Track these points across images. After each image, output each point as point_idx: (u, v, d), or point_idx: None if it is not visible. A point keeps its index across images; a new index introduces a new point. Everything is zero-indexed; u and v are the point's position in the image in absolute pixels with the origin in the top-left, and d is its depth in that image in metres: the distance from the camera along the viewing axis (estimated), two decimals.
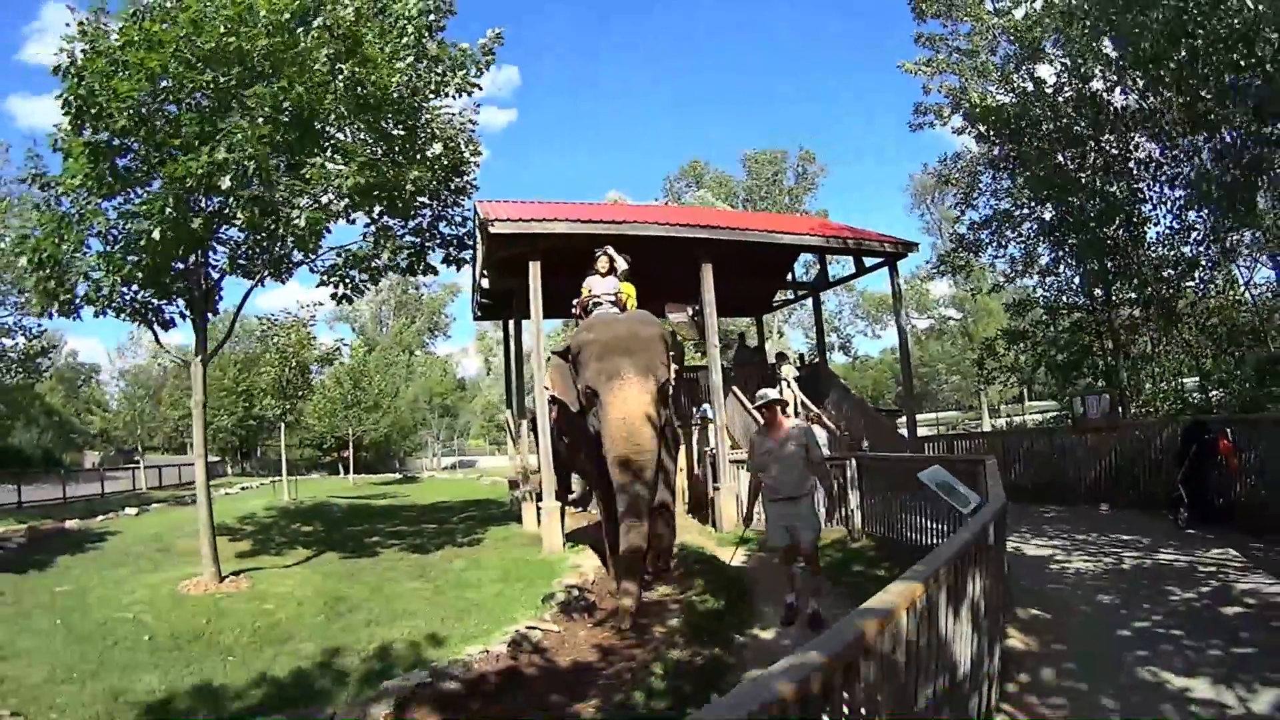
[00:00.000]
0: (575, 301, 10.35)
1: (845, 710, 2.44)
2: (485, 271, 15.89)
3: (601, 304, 9.99)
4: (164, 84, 9.38)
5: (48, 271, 10.00)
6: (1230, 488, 9.79)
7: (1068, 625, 6.24)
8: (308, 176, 9.48)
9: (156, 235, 9.33)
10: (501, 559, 12.22)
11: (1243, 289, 16.34)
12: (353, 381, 34.68)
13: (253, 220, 9.70)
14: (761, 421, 7.78)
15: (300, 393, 27.35)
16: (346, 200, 10.09)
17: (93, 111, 9.44)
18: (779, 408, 7.54)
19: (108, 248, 10.16)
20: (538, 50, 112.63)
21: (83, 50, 9.54)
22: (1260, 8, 11.04)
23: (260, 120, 9.21)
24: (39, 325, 24.31)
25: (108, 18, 10.01)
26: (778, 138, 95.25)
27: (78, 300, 10.53)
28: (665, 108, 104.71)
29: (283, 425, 27.84)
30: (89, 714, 6.51)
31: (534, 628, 8.19)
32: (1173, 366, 16.57)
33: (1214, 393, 15.56)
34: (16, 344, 24.65)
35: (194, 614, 9.33)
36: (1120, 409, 15.72)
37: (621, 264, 10.37)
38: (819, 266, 22.02)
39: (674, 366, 9.09)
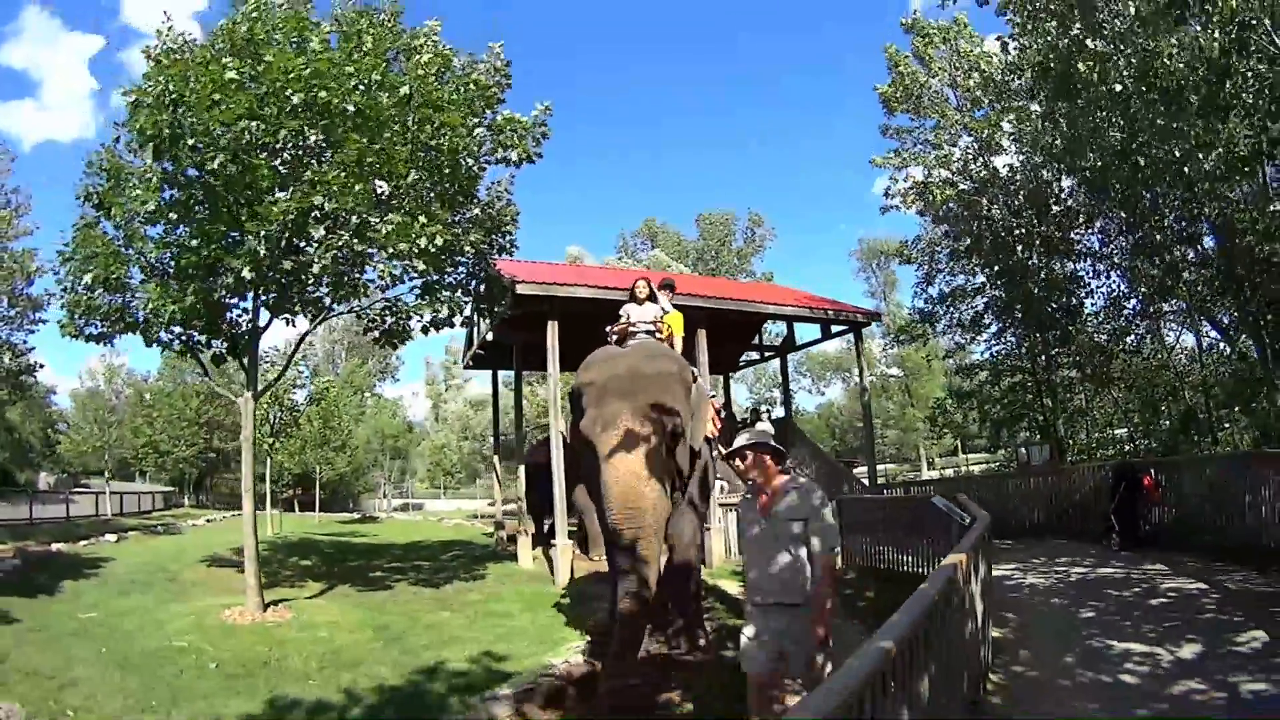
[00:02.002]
0: (611, 330, 9.04)
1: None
2: (491, 325, 16.85)
3: (638, 333, 8.89)
4: (253, 125, 9.76)
5: (96, 294, 10.46)
6: (1154, 517, 11.68)
7: (1031, 619, 7.75)
8: (385, 233, 10.03)
9: (247, 274, 9.83)
10: (519, 593, 12.82)
11: (1167, 355, 18.87)
12: (323, 420, 34.88)
13: (328, 269, 10.23)
14: (751, 479, 4.96)
15: (288, 429, 27.81)
16: (423, 259, 10.53)
17: (188, 144, 9.78)
18: (767, 456, 4.82)
19: (163, 278, 10.59)
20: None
21: (172, 82, 9.85)
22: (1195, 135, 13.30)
23: (343, 174, 9.72)
24: (24, 342, 23.87)
25: (191, 52, 10.53)
26: (730, 197, 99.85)
27: (108, 326, 10.98)
28: (623, 166, 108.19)
29: (268, 460, 27.55)
30: None
31: (593, 641, 8.65)
32: (1104, 420, 18.87)
33: (1140, 442, 17.80)
34: (3, 361, 23.77)
35: (252, 642, 9.53)
36: (1058, 456, 17.84)
37: (664, 297, 9.63)
38: (788, 332, 23.76)
39: (709, 409, 8.15)
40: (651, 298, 9.32)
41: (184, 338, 11.60)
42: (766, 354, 25.29)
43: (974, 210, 19.14)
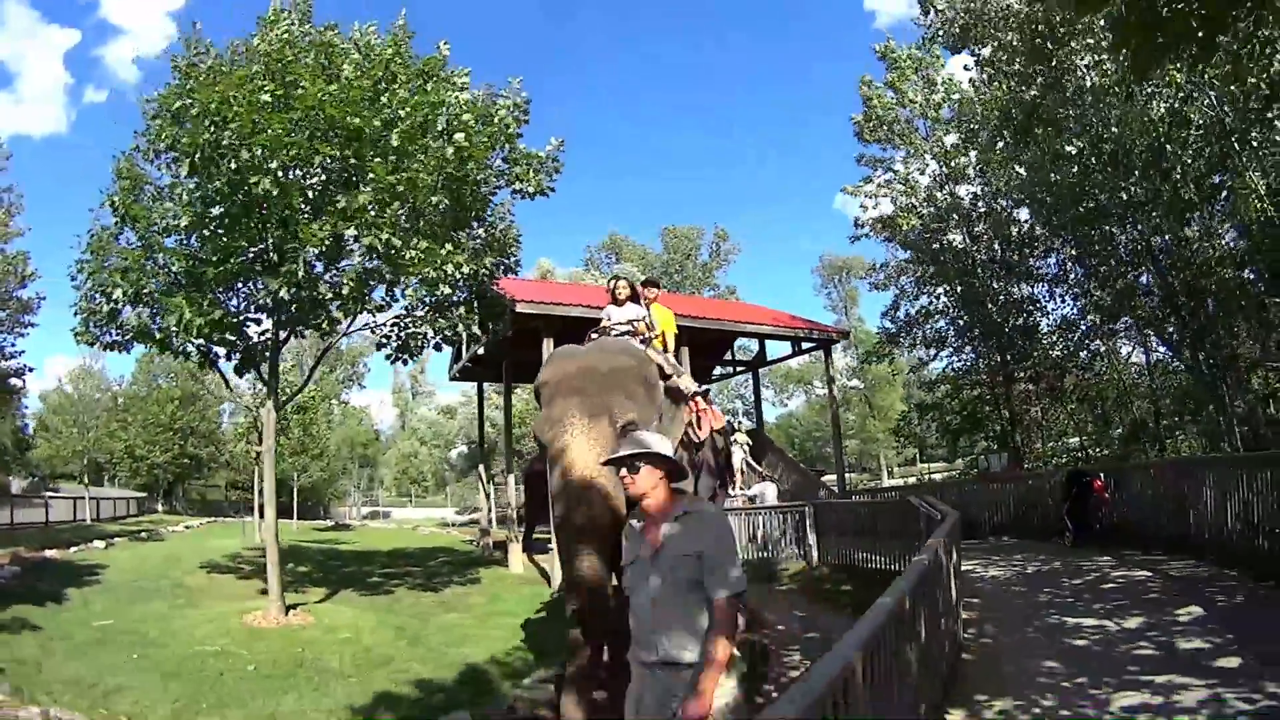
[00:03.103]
0: (591, 332, 8.35)
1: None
2: (494, 341, 17.22)
3: (617, 334, 8.17)
4: (290, 149, 10.14)
5: (121, 305, 10.76)
6: (1104, 517, 12.77)
7: (995, 603, 8.70)
8: (414, 259, 10.59)
9: (285, 295, 10.40)
10: (518, 595, 13.46)
11: (1118, 371, 20.49)
12: (302, 428, 34.71)
13: (355, 291, 10.88)
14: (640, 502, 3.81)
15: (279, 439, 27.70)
16: (447, 284, 11.12)
17: (231, 166, 10.13)
18: (657, 471, 3.59)
19: (187, 290, 10.73)
20: None
21: (214, 101, 10.11)
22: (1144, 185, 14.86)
23: (376, 201, 10.17)
24: (12, 344, 23.58)
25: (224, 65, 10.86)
26: (691, 210, 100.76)
27: (126, 335, 11.30)
28: (587, 178, 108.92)
29: (255, 468, 27.89)
30: None
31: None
32: (1058, 430, 20.31)
33: (1092, 450, 19.24)
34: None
35: (282, 645, 9.87)
36: (1017, 464, 19.17)
37: (648, 296, 9.01)
38: (760, 348, 24.83)
39: (686, 410, 7.52)
40: (633, 298, 8.67)
41: (203, 349, 11.89)
42: (738, 368, 26.34)
43: (937, 236, 20.48)
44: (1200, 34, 3.34)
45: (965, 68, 19.28)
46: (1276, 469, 8.55)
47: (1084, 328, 19.84)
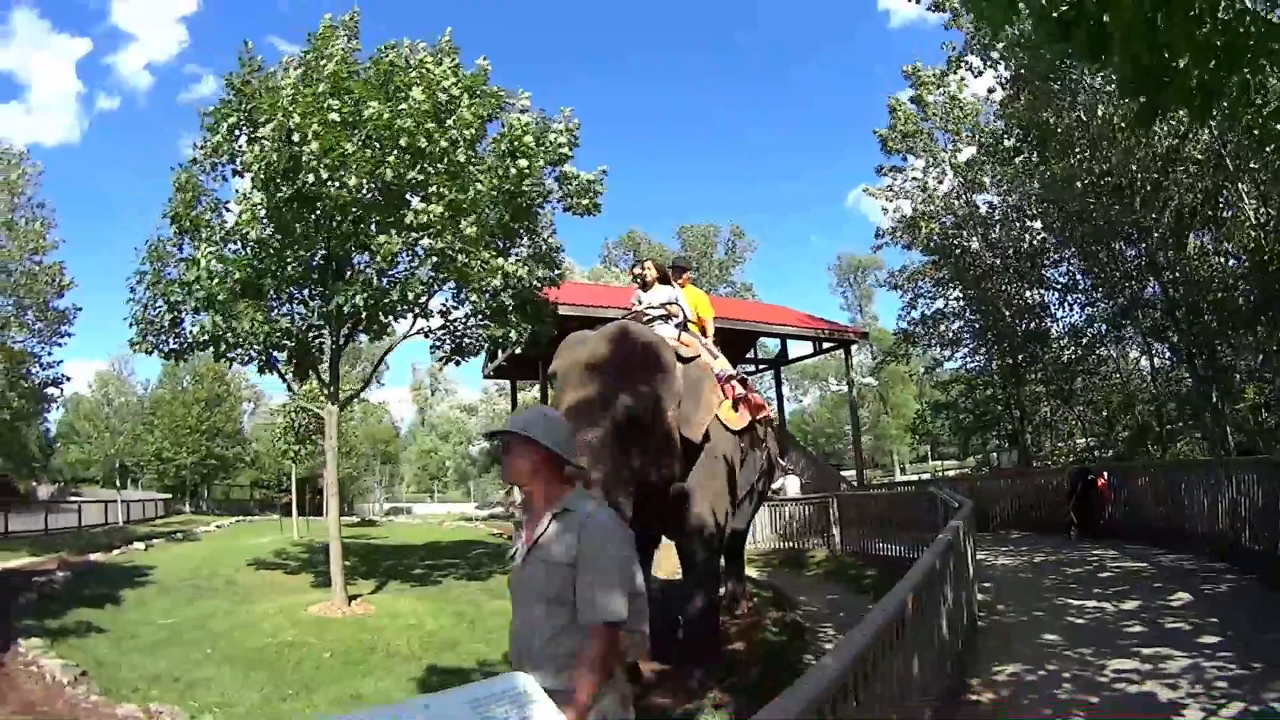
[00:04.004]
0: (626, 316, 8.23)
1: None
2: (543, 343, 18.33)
3: (650, 319, 8.03)
4: (365, 168, 10.73)
5: (176, 314, 11.47)
6: (1106, 513, 13.78)
7: (1005, 587, 9.68)
8: (478, 269, 11.43)
9: (359, 301, 11.16)
10: None
11: (1125, 377, 21.58)
12: (317, 426, 34.92)
13: (420, 297, 11.75)
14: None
15: (311, 437, 28.34)
16: (508, 292, 11.99)
17: (308, 180, 10.67)
18: (533, 454, 2.81)
19: (254, 300, 11.40)
20: None
21: (293, 118, 10.61)
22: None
23: (443, 215, 10.83)
24: (49, 354, 23.44)
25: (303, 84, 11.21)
26: (707, 206, 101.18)
27: (182, 343, 11.97)
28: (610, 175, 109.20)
29: (293, 467, 28.04)
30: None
31: None
32: (1067, 430, 21.33)
33: (1098, 451, 20.29)
34: (35, 372, 23.28)
35: (352, 632, 10.30)
36: (1026, 461, 20.20)
37: (679, 280, 8.84)
38: (781, 347, 25.95)
39: (714, 394, 7.39)
40: (663, 280, 8.45)
41: (265, 354, 12.44)
42: (760, 366, 27.36)
43: (956, 243, 21.46)
44: (1198, 101, 3.57)
45: (989, 88, 20.14)
46: (1259, 472, 9.49)
47: (1091, 335, 20.81)
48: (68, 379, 25.55)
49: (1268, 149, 12.02)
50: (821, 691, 2.33)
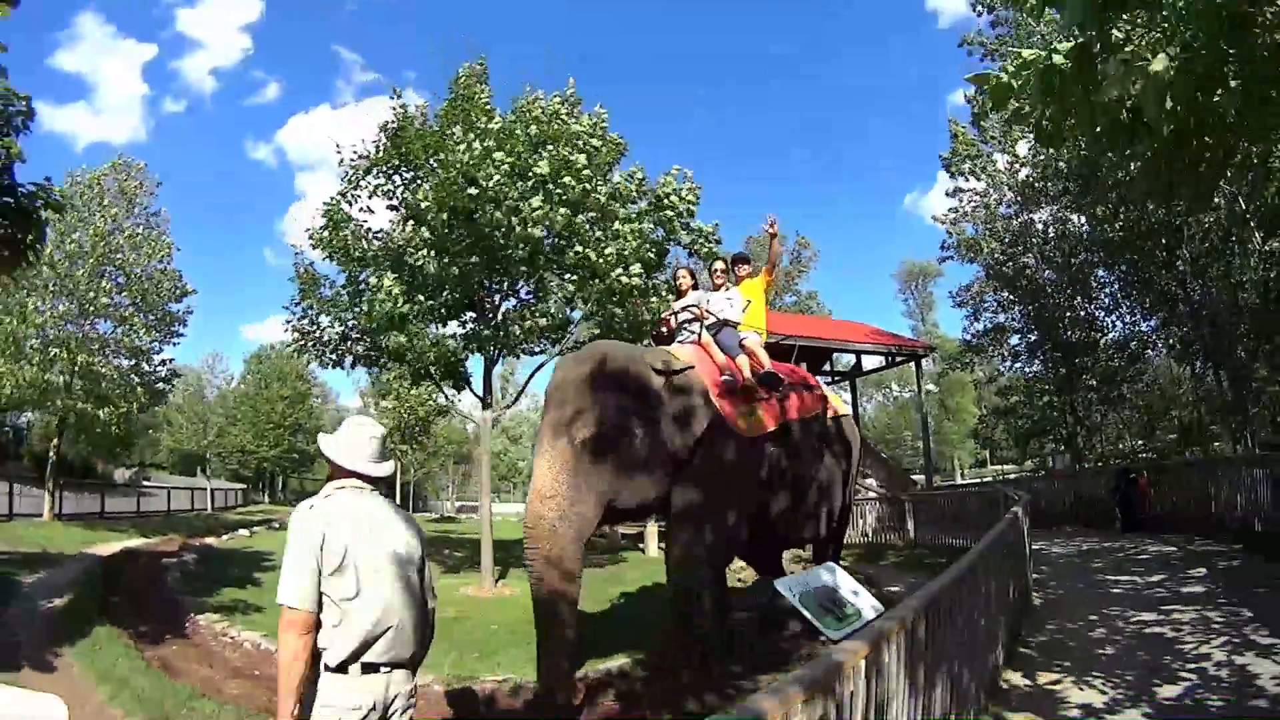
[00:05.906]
0: (660, 320, 8.87)
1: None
2: None
3: (681, 324, 8.37)
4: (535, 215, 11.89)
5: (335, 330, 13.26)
6: (1146, 508, 15.73)
7: (1056, 569, 11.79)
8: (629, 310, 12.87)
9: (544, 323, 13.11)
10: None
11: (1164, 385, 23.55)
12: (423, 428, 36.86)
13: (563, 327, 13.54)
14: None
15: (419, 438, 29.90)
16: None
17: (484, 220, 11.88)
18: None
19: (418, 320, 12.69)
20: None
21: (459, 164, 11.78)
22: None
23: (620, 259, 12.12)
24: (159, 350, 23.84)
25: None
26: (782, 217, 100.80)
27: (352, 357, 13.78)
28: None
29: (397, 462, 28.91)
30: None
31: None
32: (1115, 433, 23.25)
33: (1144, 453, 22.26)
34: (155, 370, 23.68)
35: (504, 609, 11.18)
36: (1078, 463, 22.19)
37: (743, 269, 8.94)
38: (856, 360, 28.19)
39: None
40: (695, 287, 8.83)
41: (439, 369, 13.88)
42: (835, 378, 29.57)
43: (1013, 259, 23.41)
44: (1199, 186, 4.12)
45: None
46: (1270, 467, 11.60)
47: (1133, 347, 22.71)
48: (178, 375, 27.12)
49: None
50: (932, 596, 4.22)
